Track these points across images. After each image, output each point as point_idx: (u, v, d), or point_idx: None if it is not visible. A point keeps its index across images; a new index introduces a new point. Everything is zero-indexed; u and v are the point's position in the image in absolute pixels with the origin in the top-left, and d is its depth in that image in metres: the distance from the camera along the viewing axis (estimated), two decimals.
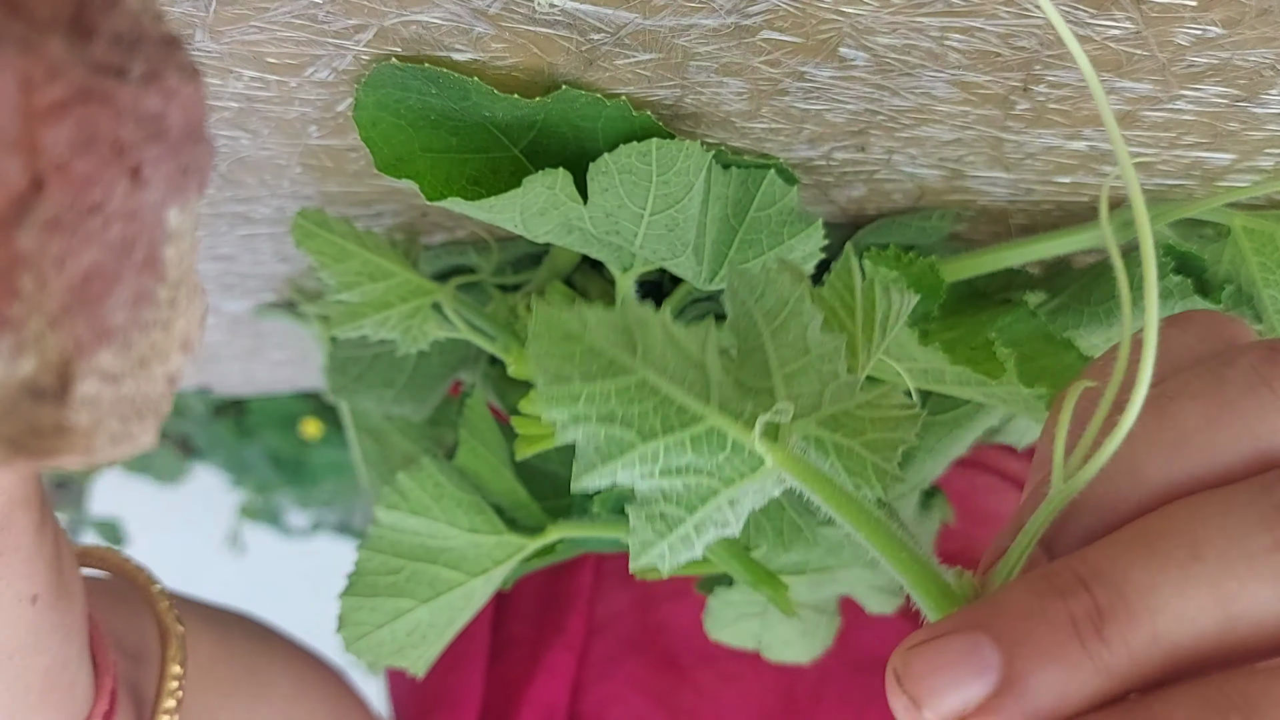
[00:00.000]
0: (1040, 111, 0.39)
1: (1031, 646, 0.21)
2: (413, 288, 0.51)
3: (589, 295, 0.54)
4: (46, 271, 0.17)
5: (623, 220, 0.42)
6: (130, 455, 0.20)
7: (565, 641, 0.72)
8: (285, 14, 0.34)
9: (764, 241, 0.45)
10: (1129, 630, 0.21)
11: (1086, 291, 0.50)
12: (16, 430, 0.18)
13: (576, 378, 0.28)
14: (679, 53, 0.36)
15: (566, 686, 0.71)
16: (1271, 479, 0.23)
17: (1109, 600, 0.22)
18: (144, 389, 0.20)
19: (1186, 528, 0.22)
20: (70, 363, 0.18)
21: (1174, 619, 0.21)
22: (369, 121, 0.39)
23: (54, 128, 0.17)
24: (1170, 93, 0.37)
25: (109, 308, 0.18)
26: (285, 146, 0.45)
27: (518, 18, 0.34)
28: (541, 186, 0.39)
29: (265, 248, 0.62)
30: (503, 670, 0.73)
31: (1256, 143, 0.41)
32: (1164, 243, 0.48)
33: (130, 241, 0.18)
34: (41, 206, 0.17)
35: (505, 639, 0.74)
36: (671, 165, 0.40)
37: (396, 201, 0.53)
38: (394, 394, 0.63)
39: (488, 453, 0.53)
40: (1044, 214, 0.50)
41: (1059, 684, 0.21)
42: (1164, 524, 0.23)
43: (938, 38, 0.34)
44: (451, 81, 0.38)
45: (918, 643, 0.23)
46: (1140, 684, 0.21)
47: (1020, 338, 0.44)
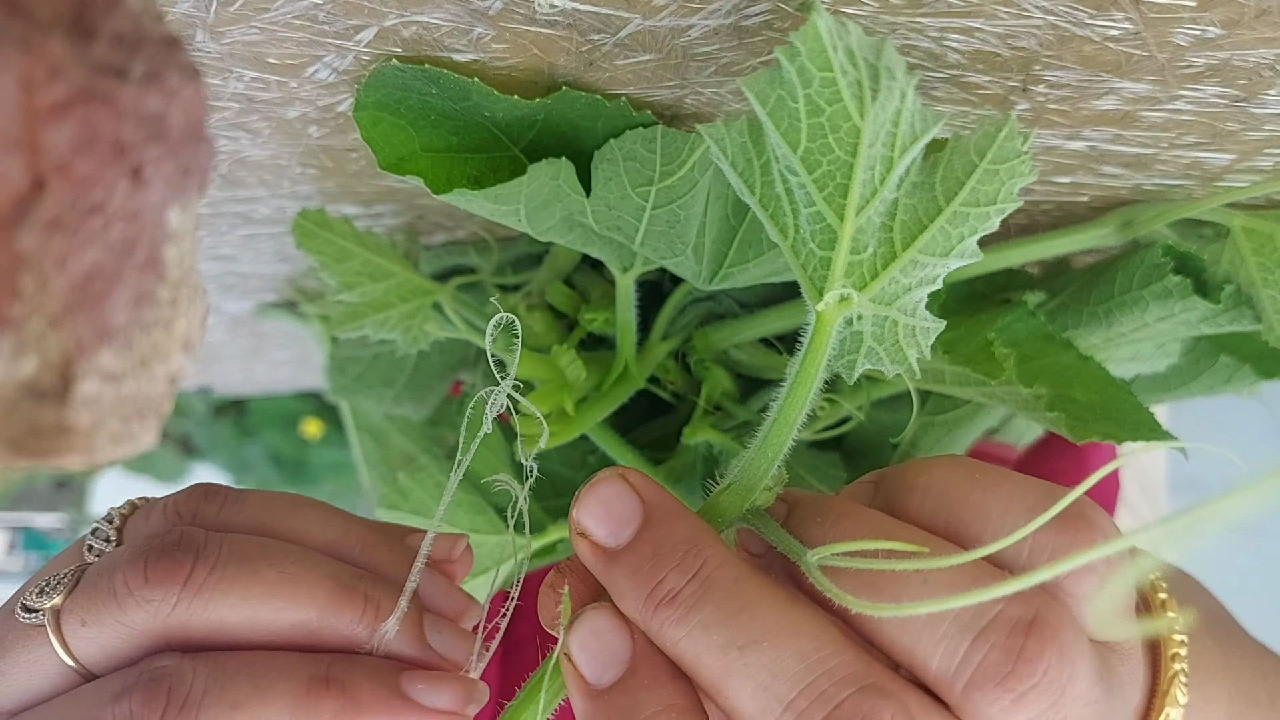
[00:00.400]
0: (1039, 112, 0.39)
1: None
2: (413, 288, 0.51)
3: (589, 296, 0.54)
4: (47, 272, 0.17)
5: (625, 214, 0.42)
6: (131, 455, 0.20)
7: None
8: (286, 15, 0.34)
9: (764, 241, 0.45)
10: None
11: (1086, 292, 0.50)
12: (18, 430, 0.18)
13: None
14: (679, 53, 0.36)
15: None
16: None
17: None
18: (145, 389, 0.20)
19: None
20: (71, 363, 0.18)
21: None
22: (369, 121, 0.39)
23: (55, 128, 0.17)
24: (1169, 93, 0.37)
25: (110, 308, 0.18)
26: (286, 147, 0.45)
27: (518, 18, 0.34)
28: (545, 176, 0.39)
29: (266, 248, 0.62)
30: (514, 672, 0.73)
31: (1255, 143, 0.41)
32: (1163, 242, 0.48)
33: (131, 241, 0.18)
34: (42, 206, 0.17)
35: (515, 640, 0.74)
36: (676, 156, 0.39)
37: (396, 201, 0.53)
38: (394, 394, 0.63)
39: (488, 453, 0.53)
40: (1044, 214, 0.50)
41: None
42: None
43: (937, 38, 0.34)
44: (452, 82, 0.38)
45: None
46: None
47: (1019, 338, 0.44)
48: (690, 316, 0.54)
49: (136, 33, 0.18)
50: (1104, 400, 0.41)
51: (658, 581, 0.30)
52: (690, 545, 0.30)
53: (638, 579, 0.30)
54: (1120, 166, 0.44)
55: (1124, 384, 0.41)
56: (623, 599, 0.31)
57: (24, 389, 0.17)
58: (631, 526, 0.31)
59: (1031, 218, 0.51)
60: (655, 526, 0.31)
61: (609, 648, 0.30)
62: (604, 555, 0.31)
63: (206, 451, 2.84)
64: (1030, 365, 0.41)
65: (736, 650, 0.28)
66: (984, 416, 0.53)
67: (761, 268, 0.46)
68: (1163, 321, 0.48)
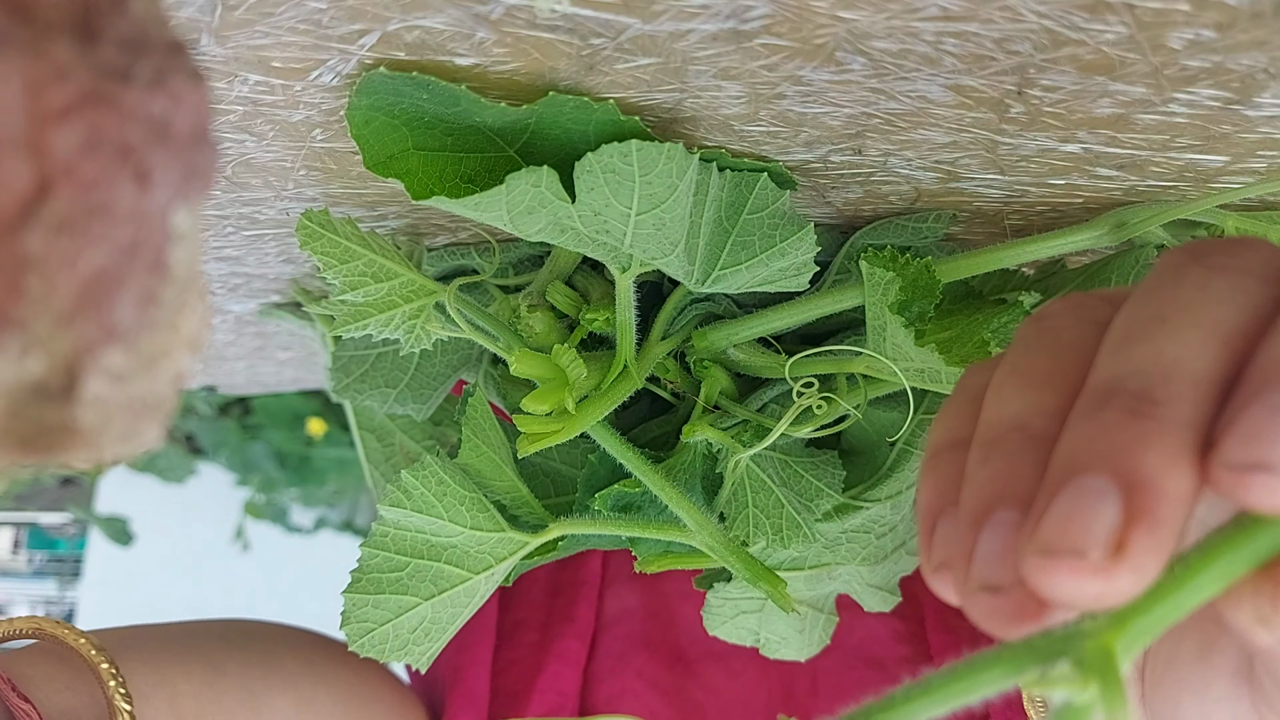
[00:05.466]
0: (1034, 115, 0.39)
1: (1120, 449, 0.23)
2: (416, 288, 0.52)
3: (590, 296, 0.55)
4: (54, 273, 0.17)
5: (611, 219, 0.42)
6: (137, 453, 0.20)
7: (576, 630, 0.72)
8: (290, 19, 0.34)
9: (757, 244, 0.46)
10: (1171, 386, 0.23)
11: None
12: (25, 429, 0.18)
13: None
14: (678, 57, 0.36)
15: (578, 675, 0.72)
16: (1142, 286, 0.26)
17: (1138, 383, 0.24)
18: (151, 388, 0.20)
19: (1138, 315, 0.25)
20: (78, 362, 0.18)
21: (1192, 358, 0.24)
22: (362, 120, 0.40)
23: (61, 130, 0.17)
24: (1163, 96, 0.37)
25: (116, 308, 0.18)
26: (290, 149, 0.45)
27: (519, 23, 0.34)
28: (527, 184, 0.40)
29: (270, 249, 0.62)
30: (511, 653, 0.73)
31: (1249, 145, 0.41)
32: (1157, 244, 0.48)
33: (137, 243, 0.19)
34: (49, 208, 0.17)
35: (513, 622, 0.75)
36: (653, 166, 0.40)
37: (400, 204, 0.53)
38: (397, 394, 0.64)
39: (490, 451, 0.53)
40: (1038, 215, 0.51)
41: (1162, 456, 0.22)
42: (1120, 329, 0.25)
43: (933, 42, 0.34)
44: (441, 88, 0.38)
45: (1033, 527, 0.23)
46: (1211, 420, 0.23)
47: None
48: (689, 317, 0.55)
49: (142, 37, 0.19)
50: None
51: (1134, 422, 0.24)
52: None
53: None
54: (1114, 169, 0.44)
55: None
56: None
57: (31, 388, 0.18)
58: None
59: (1026, 219, 0.51)
60: None
61: None
62: None
63: (211, 450, 2.84)
64: None
65: (1167, 323, 0.25)
66: None
67: (754, 272, 0.47)
68: None
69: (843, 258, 0.54)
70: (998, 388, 0.27)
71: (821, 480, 0.54)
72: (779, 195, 0.45)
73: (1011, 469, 0.25)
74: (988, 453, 0.26)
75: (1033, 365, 0.27)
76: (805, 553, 0.56)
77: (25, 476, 0.59)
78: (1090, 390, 0.25)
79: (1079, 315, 0.27)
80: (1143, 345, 0.24)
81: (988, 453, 0.26)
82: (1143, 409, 0.23)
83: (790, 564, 0.56)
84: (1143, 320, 0.25)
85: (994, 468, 0.25)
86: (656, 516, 0.54)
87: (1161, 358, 0.24)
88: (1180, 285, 0.25)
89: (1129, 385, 0.24)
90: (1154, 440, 0.23)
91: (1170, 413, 0.23)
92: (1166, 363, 0.24)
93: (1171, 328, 0.24)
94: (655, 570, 0.54)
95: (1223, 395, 0.23)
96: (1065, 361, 0.26)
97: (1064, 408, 0.25)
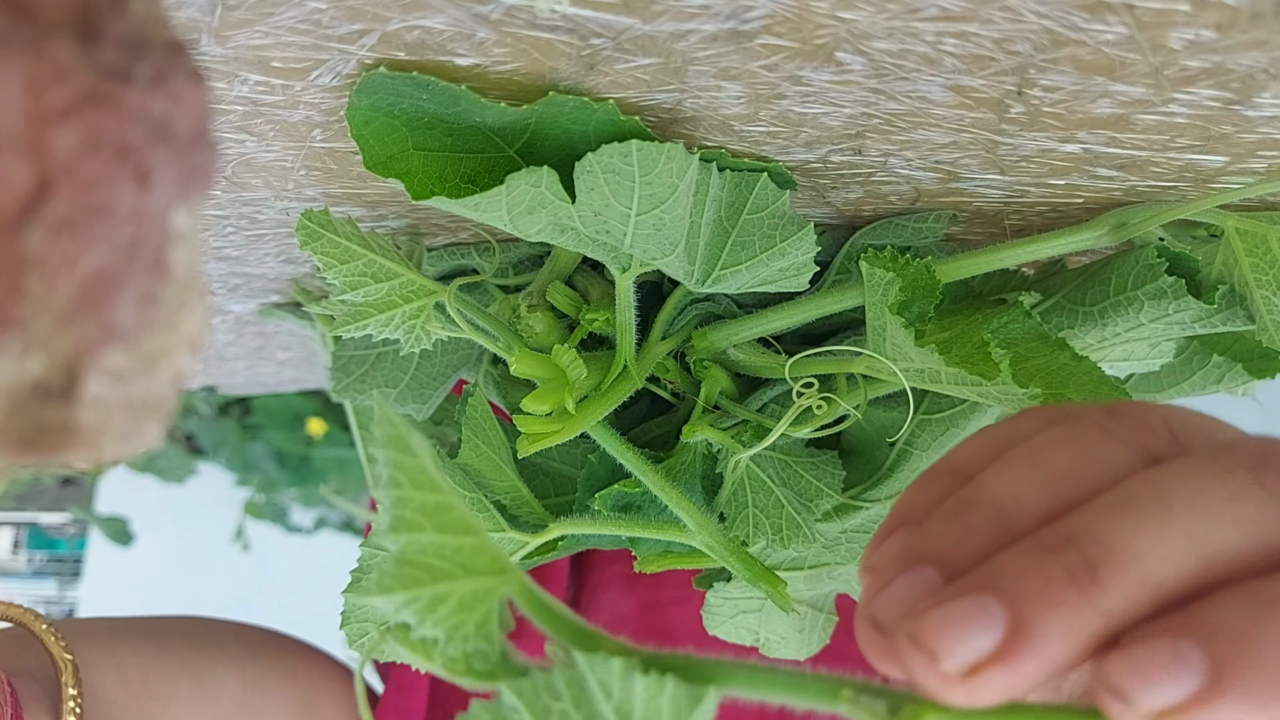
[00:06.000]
0: (1034, 115, 0.39)
1: (1034, 597, 0.24)
2: (416, 288, 0.52)
3: (590, 296, 0.55)
4: (54, 273, 0.17)
5: (611, 220, 0.42)
6: (137, 453, 0.20)
7: None
8: (290, 19, 0.34)
9: (756, 244, 0.46)
10: (1120, 575, 0.24)
11: (1080, 292, 0.50)
12: (25, 429, 0.18)
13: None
14: (678, 57, 0.36)
15: None
16: (1212, 451, 0.26)
17: (1097, 553, 0.24)
18: (151, 388, 0.20)
19: (1155, 490, 0.25)
20: (78, 362, 0.18)
21: (1158, 562, 0.24)
22: (362, 120, 0.40)
23: (61, 130, 0.17)
24: (1163, 96, 0.37)
25: (116, 308, 0.18)
26: (290, 150, 0.45)
27: (519, 23, 0.34)
28: (527, 184, 0.40)
29: (271, 249, 0.62)
30: None
31: (1249, 145, 0.41)
32: (1157, 244, 0.48)
33: (137, 243, 0.19)
34: (49, 208, 0.17)
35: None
36: (653, 166, 0.40)
37: (400, 204, 0.53)
38: (397, 394, 0.64)
39: (490, 451, 0.53)
40: (1038, 215, 0.51)
41: (1062, 626, 0.23)
42: (1134, 488, 0.25)
43: (933, 42, 0.34)
44: (441, 89, 0.38)
45: (925, 608, 0.25)
46: (1134, 623, 0.24)
47: (1015, 338, 0.44)
48: (689, 317, 0.55)
49: (142, 37, 0.19)
50: (1098, 400, 0.41)
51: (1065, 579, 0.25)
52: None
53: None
54: (1114, 169, 0.44)
55: (1118, 383, 0.41)
56: None
57: (31, 388, 0.18)
58: None
59: (1026, 219, 0.51)
60: None
61: None
62: None
63: (211, 450, 2.84)
64: (1025, 365, 0.42)
65: (1171, 516, 0.25)
66: (980, 415, 0.53)
67: (754, 272, 0.47)
68: (1157, 322, 0.48)
69: (843, 258, 0.54)
70: (1012, 461, 0.27)
71: (821, 480, 0.54)
72: (779, 195, 0.45)
73: (964, 538, 0.26)
74: (960, 510, 0.27)
75: (1048, 463, 0.27)
76: (805, 553, 0.56)
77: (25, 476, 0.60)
78: (1060, 527, 0.25)
79: (1122, 441, 0.27)
80: (1128, 523, 0.24)
81: (960, 510, 0.27)
82: (1081, 577, 0.24)
83: (790, 564, 0.56)
84: (1151, 499, 0.25)
85: (953, 527, 0.26)
86: (656, 516, 0.54)
87: (1133, 545, 0.24)
88: (1209, 493, 0.25)
89: (1088, 549, 0.24)
90: (1067, 609, 0.23)
91: (1100, 598, 0.24)
92: (1135, 553, 0.24)
93: (1164, 527, 0.24)
94: (655, 570, 0.54)
95: (1170, 605, 0.24)
96: (1068, 482, 0.27)
97: (1044, 516, 0.26)
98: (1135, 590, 0.24)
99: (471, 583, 0.25)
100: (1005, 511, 0.26)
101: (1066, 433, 0.27)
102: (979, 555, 0.25)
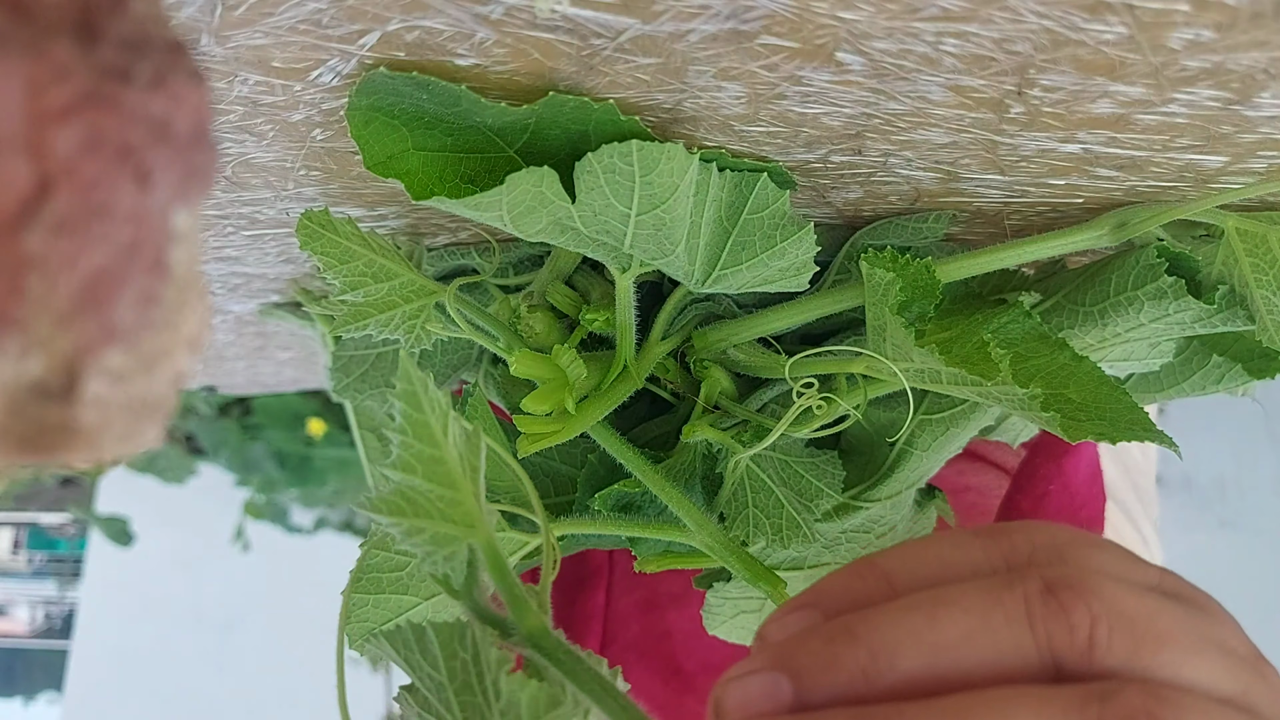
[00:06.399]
0: (1034, 115, 0.39)
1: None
2: (416, 288, 0.52)
3: (590, 296, 0.55)
4: (54, 273, 0.17)
5: (611, 220, 0.42)
6: (137, 453, 0.20)
7: (572, 636, 0.72)
8: (290, 19, 0.34)
9: (756, 244, 0.46)
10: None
11: (1080, 292, 0.50)
12: (25, 429, 0.18)
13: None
14: (678, 57, 0.36)
15: None
16: (1089, 695, 0.26)
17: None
18: (151, 388, 0.20)
19: (997, 717, 0.26)
20: (78, 362, 0.18)
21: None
22: (362, 120, 0.40)
23: (62, 131, 0.17)
24: (1163, 96, 0.37)
25: (117, 309, 0.18)
26: (290, 149, 0.45)
27: (519, 23, 0.34)
28: (527, 184, 0.40)
29: (271, 249, 0.62)
30: None
31: (1249, 145, 0.41)
32: (1157, 244, 0.48)
33: (137, 243, 0.19)
34: (49, 209, 0.17)
35: None
36: (653, 167, 0.40)
37: (400, 204, 0.53)
38: None
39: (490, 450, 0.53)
40: (1038, 215, 0.51)
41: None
42: (980, 705, 0.27)
43: (933, 42, 0.34)
44: (441, 88, 0.38)
45: (733, 677, 0.29)
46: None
47: (1015, 338, 0.44)
48: (689, 317, 0.55)
49: (142, 37, 0.19)
50: (1098, 400, 0.41)
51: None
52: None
53: None
54: (1114, 169, 0.44)
55: (1118, 383, 0.41)
56: None
57: (31, 388, 0.18)
58: None
59: (1026, 219, 0.51)
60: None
61: None
62: None
63: (211, 450, 2.84)
64: (1025, 365, 0.42)
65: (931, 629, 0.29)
66: (980, 415, 0.53)
67: (754, 272, 0.47)
68: (1157, 322, 0.48)
69: (843, 258, 0.54)
70: (914, 608, 0.29)
71: (821, 480, 0.54)
72: (779, 195, 0.45)
73: (827, 668, 0.28)
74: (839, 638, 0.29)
75: (943, 629, 0.28)
76: (805, 553, 0.56)
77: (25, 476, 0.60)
78: (890, 714, 0.27)
79: (1036, 635, 0.28)
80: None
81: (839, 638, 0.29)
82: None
83: (790, 564, 0.56)
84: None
85: (826, 652, 0.29)
86: (656, 516, 0.54)
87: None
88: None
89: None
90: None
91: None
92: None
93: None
94: (655, 570, 0.54)
95: None
96: (949, 657, 0.28)
97: (905, 683, 0.28)
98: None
99: (444, 526, 0.30)
100: (876, 660, 0.28)
101: (985, 596, 0.29)
102: (833, 692, 0.28)
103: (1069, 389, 0.41)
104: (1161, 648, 0.27)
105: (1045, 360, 0.42)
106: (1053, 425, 0.40)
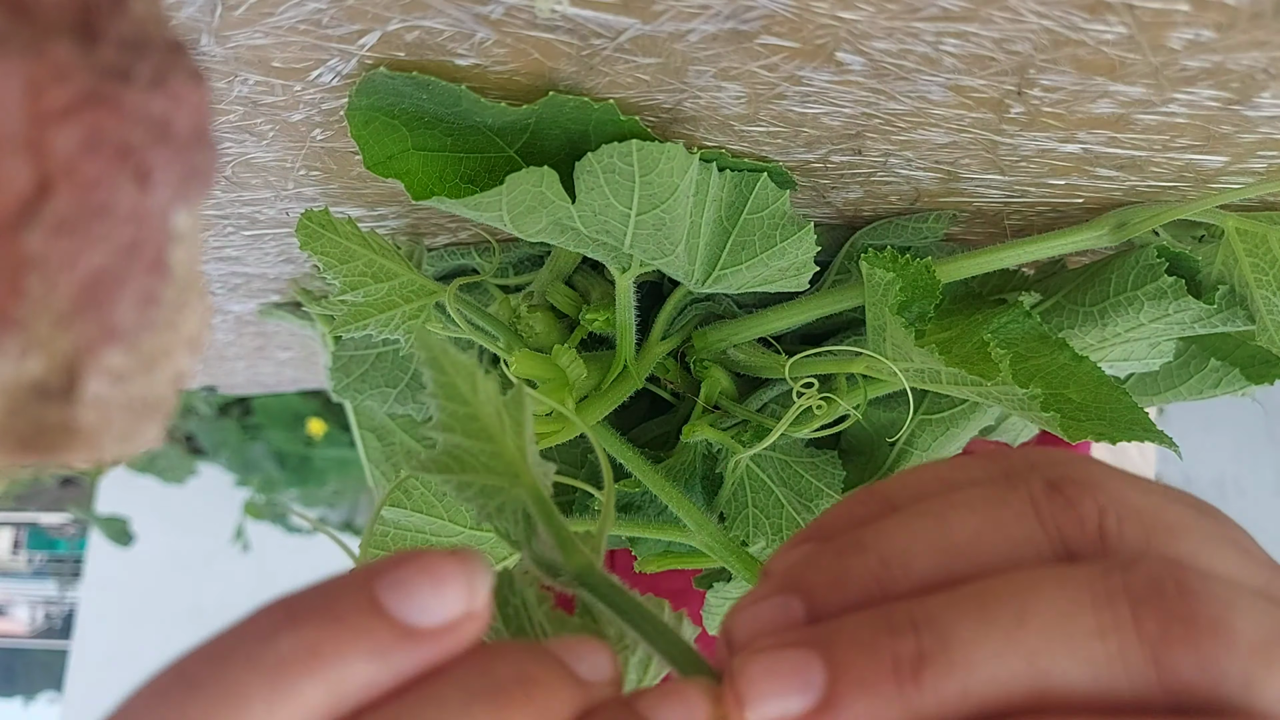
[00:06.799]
0: (1034, 115, 0.39)
1: (854, 676, 0.24)
2: (416, 288, 0.52)
3: (590, 296, 0.55)
4: (54, 273, 0.17)
5: (611, 220, 0.42)
6: (137, 453, 0.20)
7: None
8: (290, 19, 0.34)
9: (756, 244, 0.46)
10: (943, 680, 0.23)
11: (1080, 292, 0.50)
12: (25, 429, 0.18)
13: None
14: (678, 57, 0.36)
15: None
16: (1110, 566, 0.24)
17: (932, 648, 0.24)
18: (151, 388, 0.20)
19: (1019, 597, 0.24)
20: (78, 363, 0.18)
21: (986, 678, 0.23)
22: (362, 120, 0.40)
23: (62, 131, 0.17)
24: (1163, 96, 0.37)
25: (117, 309, 0.18)
26: (290, 149, 0.45)
27: (519, 23, 0.34)
28: (527, 184, 0.40)
29: (270, 249, 0.62)
30: None
31: (1249, 145, 0.41)
32: (1157, 244, 0.48)
33: (137, 243, 0.19)
34: (49, 209, 0.17)
35: None
36: (653, 167, 0.40)
37: (400, 204, 0.53)
38: (397, 393, 0.64)
39: None
40: (1038, 215, 0.51)
41: (867, 713, 0.23)
42: (1001, 587, 0.24)
43: (933, 42, 0.34)
44: (441, 88, 0.38)
45: (764, 646, 0.25)
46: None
47: (1015, 338, 0.44)
48: (689, 317, 0.55)
49: (142, 37, 0.19)
50: (1098, 400, 0.41)
51: (889, 668, 0.25)
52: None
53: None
54: (1115, 169, 0.44)
55: (1118, 384, 0.41)
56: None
57: (31, 388, 0.18)
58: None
59: (1026, 219, 0.51)
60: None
61: None
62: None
63: (211, 451, 2.84)
64: (1025, 365, 0.42)
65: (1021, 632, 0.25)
66: (980, 415, 0.53)
67: (754, 272, 0.47)
68: (1156, 322, 0.48)
69: (843, 258, 0.54)
70: (921, 514, 0.27)
71: (821, 480, 0.54)
72: (779, 195, 0.45)
73: (840, 582, 0.26)
74: (849, 551, 0.26)
75: (952, 529, 0.26)
76: None
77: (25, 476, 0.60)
78: (913, 608, 0.25)
79: (1042, 523, 0.26)
80: (975, 626, 0.24)
81: (849, 551, 0.26)
82: (904, 671, 0.23)
83: None
84: (1010, 606, 0.24)
85: (837, 566, 0.26)
86: (656, 516, 0.54)
87: (968, 652, 0.24)
88: (1075, 618, 0.24)
89: (925, 641, 0.24)
90: (878, 700, 0.23)
91: (915, 697, 0.23)
92: (967, 661, 0.23)
93: (1010, 641, 0.23)
94: (655, 570, 0.54)
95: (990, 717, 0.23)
96: (962, 555, 0.26)
97: (923, 585, 0.26)
98: (952, 698, 0.23)
99: (490, 478, 0.30)
100: (889, 567, 0.26)
101: (990, 498, 0.27)
102: (846, 604, 0.25)
103: (1069, 389, 0.41)
104: (1174, 538, 0.25)
105: (1045, 360, 0.42)
106: (1053, 425, 0.40)
